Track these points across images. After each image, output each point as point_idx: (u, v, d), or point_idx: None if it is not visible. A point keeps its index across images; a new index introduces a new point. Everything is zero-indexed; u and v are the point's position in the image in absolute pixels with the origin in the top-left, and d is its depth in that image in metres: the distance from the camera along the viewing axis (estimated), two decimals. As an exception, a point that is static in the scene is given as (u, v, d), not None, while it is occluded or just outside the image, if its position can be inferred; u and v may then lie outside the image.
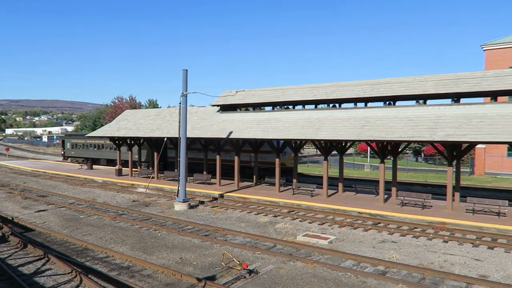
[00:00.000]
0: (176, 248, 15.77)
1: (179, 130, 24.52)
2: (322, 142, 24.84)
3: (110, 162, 46.97)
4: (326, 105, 26.69)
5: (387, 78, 24.98)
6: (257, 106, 31.52)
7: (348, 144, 27.41)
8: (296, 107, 28.56)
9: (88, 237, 17.38)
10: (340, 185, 27.57)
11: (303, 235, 17.31)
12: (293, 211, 23.11)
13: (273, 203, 24.69)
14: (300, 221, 20.73)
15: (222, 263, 13.66)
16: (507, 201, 20.55)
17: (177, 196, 24.10)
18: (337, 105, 26.22)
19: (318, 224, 19.94)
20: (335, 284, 12.04)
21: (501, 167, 45.28)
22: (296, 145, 27.76)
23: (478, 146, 44.91)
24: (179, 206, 23.45)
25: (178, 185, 24.19)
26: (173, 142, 33.77)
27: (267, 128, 26.50)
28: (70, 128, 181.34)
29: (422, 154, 65.20)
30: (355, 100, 25.09)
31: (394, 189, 25.57)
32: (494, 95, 21.13)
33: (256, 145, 29.44)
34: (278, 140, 27.16)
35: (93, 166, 45.57)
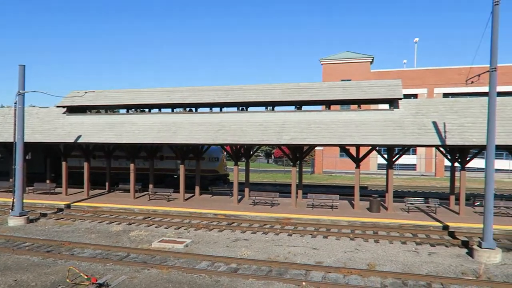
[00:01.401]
0: (10, 269, 13.76)
1: (15, 134, 21.45)
2: (179, 146, 24.83)
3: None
4: (182, 109, 26.83)
5: (240, 85, 26.48)
6: (110, 109, 29.76)
7: (205, 147, 28.05)
8: (152, 111, 27.97)
9: None
10: (197, 188, 27.99)
11: (159, 241, 17.04)
12: (149, 217, 22.53)
13: (127, 211, 23.62)
14: (156, 227, 20.33)
15: (68, 280, 12.49)
16: (338, 195, 23.85)
17: (12, 210, 21.01)
18: (193, 109, 26.60)
19: (175, 229, 19.88)
20: (189, 287, 12.20)
21: (335, 166, 52.36)
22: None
23: (317, 148, 51.08)
24: (15, 221, 20.50)
25: (13, 197, 21.12)
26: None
27: (121, 132, 25.24)
28: None
29: (273, 156, 70.85)
30: (210, 105, 25.86)
31: (247, 190, 27.17)
32: (328, 104, 24.38)
33: (109, 150, 27.74)
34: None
35: None
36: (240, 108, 25.69)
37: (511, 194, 30.44)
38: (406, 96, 47.86)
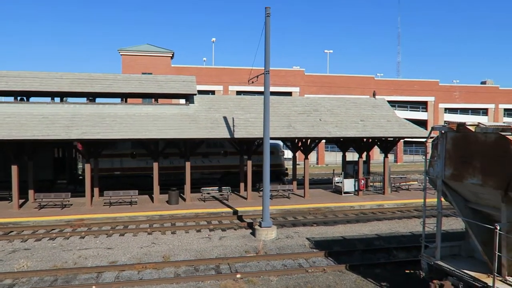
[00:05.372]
0: None
1: None
2: None
3: None
4: None
5: (18, 71, 22.79)
6: None
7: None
8: None
9: None
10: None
11: None
12: None
13: None
14: None
15: None
16: (137, 191, 23.32)
17: None
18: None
19: None
20: None
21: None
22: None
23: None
24: None
25: None
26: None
27: None
28: None
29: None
30: (-23, 93, 21.40)
31: (31, 192, 23.72)
32: (124, 97, 23.51)
33: None
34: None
35: None
36: (19, 98, 22.14)
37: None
38: (205, 92, 50.67)
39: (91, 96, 22.86)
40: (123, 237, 17.29)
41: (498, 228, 8.55)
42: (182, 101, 33.22)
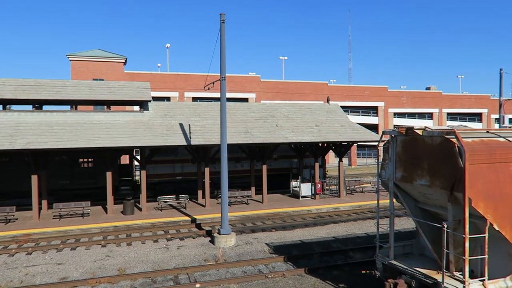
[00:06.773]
0: None
1: None
2: None
3: None
4: None
5: (-45, 77, 21.20)
6: None
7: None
8: None
9: None
10: None
11: None
12: None
13: None
14: None
15: None
16: (89, 202, 22.33)
17: None
18: None
19: None
20: None
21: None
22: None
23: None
24: None
25: None
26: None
27: None
28: None
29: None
30: None
31: (-29, 207, 22.05)
32: (74, 104, 22.55)
33: None
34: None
35: None
36: (-44, 106, 20.61)
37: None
38: (160, 99, 49.79)
39: (38, 104, 21.73)
40: (75, 251, 16.47)
41: (446, 226, 9.01)
42: (136, 108, 32.49)
